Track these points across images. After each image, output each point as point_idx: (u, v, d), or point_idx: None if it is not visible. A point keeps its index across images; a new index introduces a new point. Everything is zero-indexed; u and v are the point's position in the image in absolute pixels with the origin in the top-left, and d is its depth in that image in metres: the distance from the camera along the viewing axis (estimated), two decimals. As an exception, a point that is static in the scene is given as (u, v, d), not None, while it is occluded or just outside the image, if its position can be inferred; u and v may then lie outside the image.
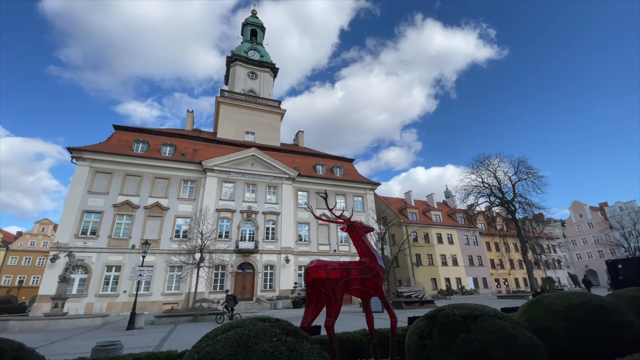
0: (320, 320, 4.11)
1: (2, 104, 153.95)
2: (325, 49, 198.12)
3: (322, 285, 4.01)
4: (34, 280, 47.60)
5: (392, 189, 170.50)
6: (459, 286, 39.53)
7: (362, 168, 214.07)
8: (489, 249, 44.29)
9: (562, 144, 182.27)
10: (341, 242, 31.47)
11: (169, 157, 29.05)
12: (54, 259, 22.20)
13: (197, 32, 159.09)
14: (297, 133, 43.16)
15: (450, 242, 43.20)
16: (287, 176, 31.11)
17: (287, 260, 27.75)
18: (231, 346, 2.65)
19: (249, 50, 43.55)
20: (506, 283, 44.10)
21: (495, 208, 30.38)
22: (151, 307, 23.54)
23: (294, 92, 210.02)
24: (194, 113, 39.07)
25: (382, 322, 6.30)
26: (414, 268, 38.66)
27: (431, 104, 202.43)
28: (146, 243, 14.86)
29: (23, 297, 42.53)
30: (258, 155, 30.81)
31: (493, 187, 28.80)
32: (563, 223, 64.38)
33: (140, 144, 28.91)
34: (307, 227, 30.76)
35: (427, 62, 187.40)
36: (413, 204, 46.04)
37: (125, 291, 23.78)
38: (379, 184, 36.44)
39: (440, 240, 42.60)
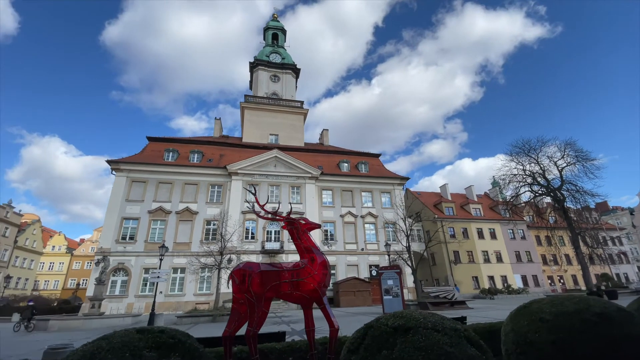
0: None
1: (76, 128, 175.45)
2: (360, 47, 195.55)
3: (246, 291, 3.54)
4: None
5: (436, 183, 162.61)
6: (505, 285, 36.26)
7: (402, 164, 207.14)
8: (539, 243, 40.08)
9: (632, 125, 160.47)
10: (369, 240, 30.45)
11: (197, 164, 30.33)
12: (97, 262, 24.16)
13: (236, 45, 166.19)
14: (322, 131, 42.81)
15: (493, 237, 39.89)
16: (309, 175, 30.87)
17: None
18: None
19: (271, 53, 44.14)
20: (561, 281, 39.60)
21: (541, 198, 27.32)
22: (184, 307, 24.61)
23: (330, 94, 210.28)
24: (221, 120, 40.53)
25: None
26: (452, 266, 36.28)
27: (477, 92, 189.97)
28: (163, 246, 15.46)
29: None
30: (280, 156, 30.98)
31: (536, 175, 25.89)
32: (632, 211, 56.35)
33: (171, 153, 30.56)
34: (332, 226, 30.25)
35: (470, 48, 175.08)
36: (449, 198, 43.29)
37: (161, 292, 25.16)
38: (407, 179, 34.71)
39: (481, 236, 39.53)
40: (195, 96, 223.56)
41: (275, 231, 28.65)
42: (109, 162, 28.04)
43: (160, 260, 15.74)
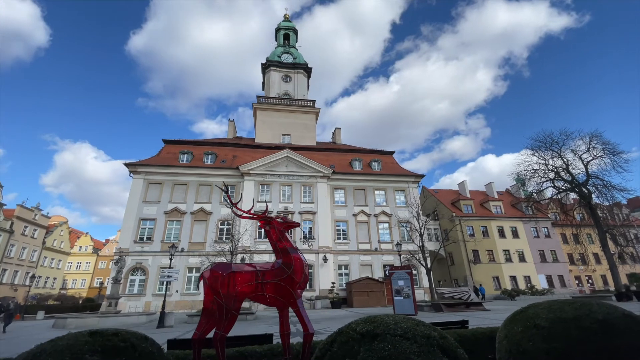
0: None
1: (105, 133, 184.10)
2: (377, 45, 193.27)
3: (216, 292, 3.39)
4: (119, 281, 54.87)
5: (458, 181, 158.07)
6: (528, 285, 34.68)
7: (422, 161, 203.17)
8: (565, 241, 37.99)
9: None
10: (382, 239, 29.88)
11: (211, 165, 30.83)
12: (117, 262, 24.98)
13: (254, 48, 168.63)
14: (335, 130, 42.50)
15: (515, 235, 38.24)
16: (321, 174, 30.67)
17: (325, 260, 27.25)
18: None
19: (282, 54, 44.27)
20: (590, 281, 37.40)
21: (566, 193, 25.90)
22: (199, 306, 24.99)
23: (347, 93, 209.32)
24: (234, 122, 41.08)
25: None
26: (471, 266, 35.06)
27: (500, 86, 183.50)
28: (173, 246, 15.72)
29: (110, 296, 49.24)
30: (291, 156, 30.96)
31: (559, 169, 24.53)
32: (670, 207, 52.48)
33: (185, 155, 31.21)
34: (345, 225, 29.91)
35: (492, 41, 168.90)
36: (468, 195, 41.89)
37: (177, 291, 25.73)
38: (422, 176, 33.83)
39: (502, 234, 37.99)
40: (215, 100, 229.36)
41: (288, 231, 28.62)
42: (126, 164, 28.96)
43: (171, 259, 16.03)
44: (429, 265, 20.78)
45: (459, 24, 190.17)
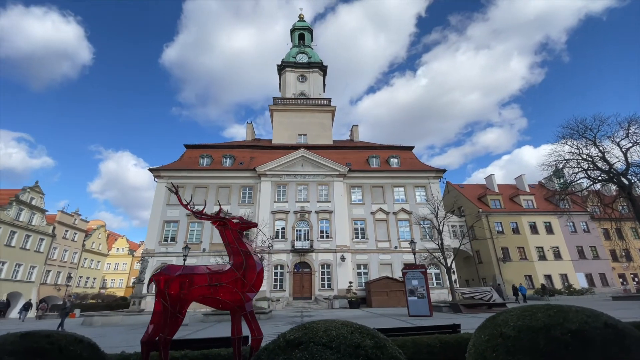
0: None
1: (143, 142, 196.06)
2: (402, 40, 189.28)
3: (163, 295, 3.32)
4: (152, 281, 57.84)
5: (493, 174, 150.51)
6: (565, 284, 32.27)
7: (453, 156, 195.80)
8: (607, 237, 34.94)
9: None
10: (402, 238, 29.03)
11: (229, 167, 31.53)
12: (142, 263, 26.23)
13: (279, 51, 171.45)
14: (352, 127, 41.98)
15: (549, 231, 35.74)
16: (337, 173, 30.37)
17: (343, 259, 26.94)
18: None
19: (297, 54, 44.41)
20: (636, 279, 34.07)
21: (604, 184, 23.77)
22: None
23: (372, 90, 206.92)
24: (253, 124, 41.83)
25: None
26: (500, 264, 33.21)
27: (537, 73, 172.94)
28: (186, 247, 16.15)
29: (144, 295, 52.03)
30: (307, 155, 30.93)
31: (595, 158, 22.51)
32: None
33: (205, 158, 32.15)
34: (363, 224, 29.40)
35: (526, 27, 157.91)
36: (496, 190, 39.75)
37: (200, 290, 26.55)
38: (444, 171, 32.47)
39: (534, 230, 35.66)
40: (243, 105, 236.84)
41: (304, 230, 28.66)
42: (150, 170, 30.34)
43: (184, 260, 16.49)
44: (449, 264, 19.85)
45: (489, 10, 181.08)
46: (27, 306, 29.34)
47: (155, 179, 30.54)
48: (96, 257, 50.43)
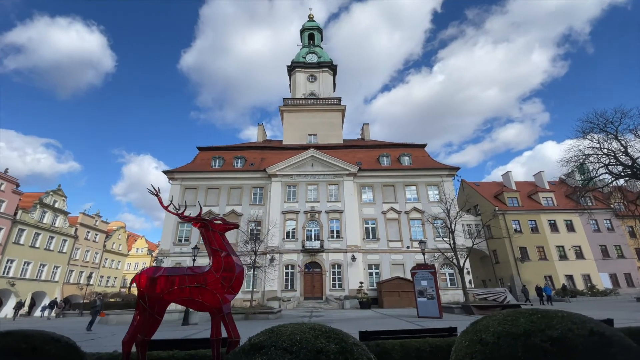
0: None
1: (163, 146, 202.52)
2: (418, 37, 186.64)
3: (141, 296, 3.36)
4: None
5: (514, 172, 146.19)
6: (588, 285, 30.88)
7: (471, 153, 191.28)
8: (633, 235, 33.20)
9: None
10: (414, 237, 28.53)
11: (240, 169, 31.92)
12: (159, 262, 26.93)
13: (294, 52, 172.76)
14: (363, 126, 41.66)
15: (571, 229, 34.28)
16: (347, 172, 30.18)
17: (354, 259, 26.73)
18: None
19: (307, 54, 44.47)
20: (667, 280, 32.20)
21: (629, 180, 22.58)
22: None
23: (386, 88, 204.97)
24: (264, 126, 42.17)
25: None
26: (518, 264, 32.13)
27: (560, 66, 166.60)
28: (196, 247, 16.43)
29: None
30: (317, 155, 30.91)
31: (617, 152, 21.42)
32: None
33: (217, 160, 32.69)
34: (374, 223, 29.09)
35: (548, 18, 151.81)
36: (513, 187, 38.49)
37: (213, 290, 27.02)
38: (457, 169, 31.71)
39: (554, 229, 34.30)
40: (259, 108, 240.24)
41: (315, 230, 28.65)
42: (165, 172, 31.10)
43: (193, 260, 16.79)
44: (461, 264, 19.34)
45: (508, 3, 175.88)
46: (52, 304, 30.74)
47: (170, 181, 31.30)
48: (117, 257, 52.17)
